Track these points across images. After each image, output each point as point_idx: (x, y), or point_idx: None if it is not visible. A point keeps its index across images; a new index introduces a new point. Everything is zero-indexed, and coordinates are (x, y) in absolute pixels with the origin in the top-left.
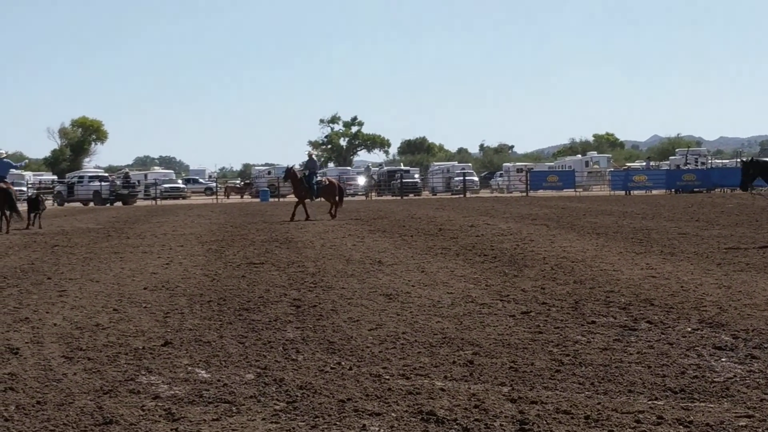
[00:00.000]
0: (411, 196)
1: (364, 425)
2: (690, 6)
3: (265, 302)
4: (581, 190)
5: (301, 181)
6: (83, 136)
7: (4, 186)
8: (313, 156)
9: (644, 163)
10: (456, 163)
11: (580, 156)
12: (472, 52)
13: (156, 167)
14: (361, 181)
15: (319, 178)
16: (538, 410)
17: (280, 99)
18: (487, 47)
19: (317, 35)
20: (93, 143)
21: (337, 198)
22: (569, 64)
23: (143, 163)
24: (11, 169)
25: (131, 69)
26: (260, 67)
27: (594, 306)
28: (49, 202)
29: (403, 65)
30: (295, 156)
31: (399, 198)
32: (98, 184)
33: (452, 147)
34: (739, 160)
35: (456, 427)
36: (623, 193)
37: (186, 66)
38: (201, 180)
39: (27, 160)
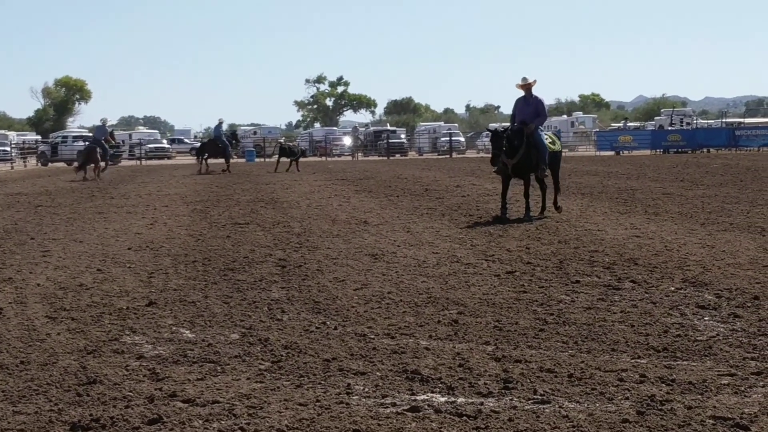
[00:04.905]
0: (397, 156)
1: (349, 384)
2: None
3: (250, 262)
4: (567, 150)
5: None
6: (67, 95)
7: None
8: (105, 123)
9: (620, 124)
10: (442, 123)
11: (565, 116)
12: (458, 12)
13: (140, 127)
14: (347, 141)
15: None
16: (522, 369)
17: (265, 59)
18: (473, 7)
19: None
20: (77, 103)
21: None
22: (554, 25)
23: (128, 123)
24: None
25: (115, 28)
26: (246, 27)
27: (578, 266)
28: (32, 162)
29: (389, 25)
30: (281, 116)
31: (385, 158)
32: (82, 144)
33: (438, 107)
34: (723, 120)
35: (440, 385)
36: (611, 153)
37: (171, 25)
38: (186, 140)
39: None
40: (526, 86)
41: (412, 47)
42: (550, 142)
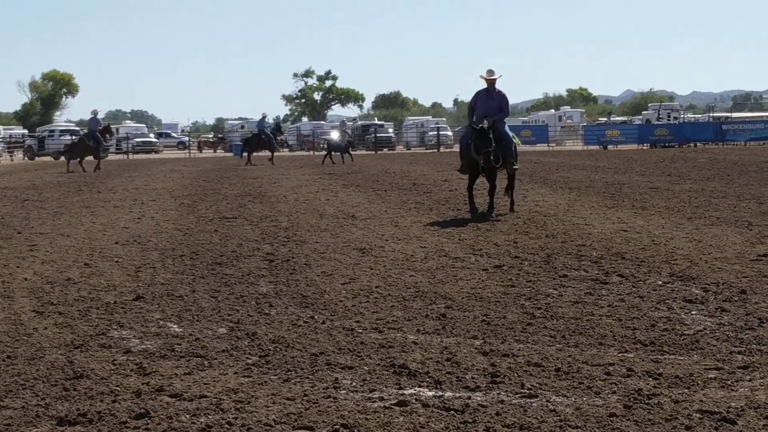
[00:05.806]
0: (385, 150)
1: (337, 378)
2: None
3: (238, 256)
4: (554, 144)
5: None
6: (54, 89)
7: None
8: (96, 115)
9: (604, 119)
10: (430, 117)
11: (553, 111)
12: (447, 7)
13: (128, 121)
14: (335, 135)
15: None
16: (510, 363)
17: (253, 53)
18: (462, 2)
19: None
20: (64, 97)
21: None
22: (543, 19)
23: (115, 117)
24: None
25: (103, 21)
26: (234, 21)
27: (566, 260)
28: (19, 156)
29: (378, 19)
30: (269, 110)
31: (373, 152)
32: (69, 138)
33: (426, 101)
34: (710, 115)
35: (428, 380)
36: (597, 147)
37: (159, 19)
38: (173, 134)
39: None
40: (491, 80)
41: (400, 41)
42: (512, 136)
